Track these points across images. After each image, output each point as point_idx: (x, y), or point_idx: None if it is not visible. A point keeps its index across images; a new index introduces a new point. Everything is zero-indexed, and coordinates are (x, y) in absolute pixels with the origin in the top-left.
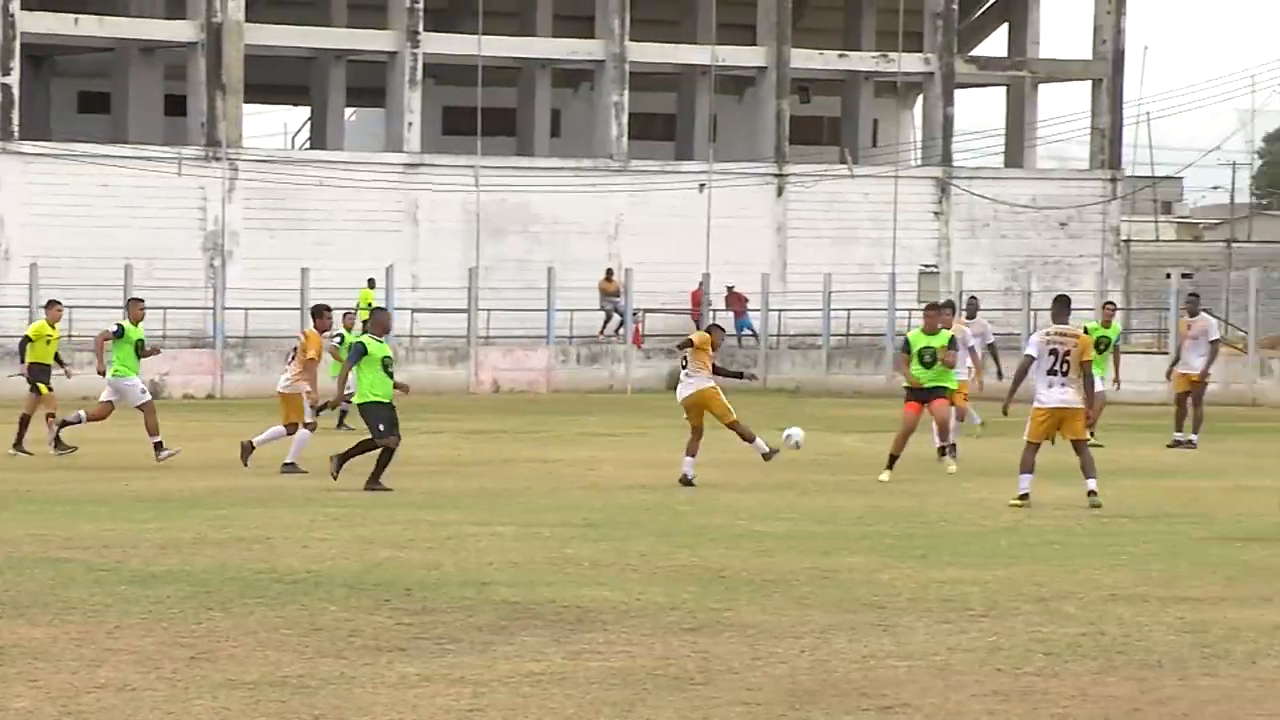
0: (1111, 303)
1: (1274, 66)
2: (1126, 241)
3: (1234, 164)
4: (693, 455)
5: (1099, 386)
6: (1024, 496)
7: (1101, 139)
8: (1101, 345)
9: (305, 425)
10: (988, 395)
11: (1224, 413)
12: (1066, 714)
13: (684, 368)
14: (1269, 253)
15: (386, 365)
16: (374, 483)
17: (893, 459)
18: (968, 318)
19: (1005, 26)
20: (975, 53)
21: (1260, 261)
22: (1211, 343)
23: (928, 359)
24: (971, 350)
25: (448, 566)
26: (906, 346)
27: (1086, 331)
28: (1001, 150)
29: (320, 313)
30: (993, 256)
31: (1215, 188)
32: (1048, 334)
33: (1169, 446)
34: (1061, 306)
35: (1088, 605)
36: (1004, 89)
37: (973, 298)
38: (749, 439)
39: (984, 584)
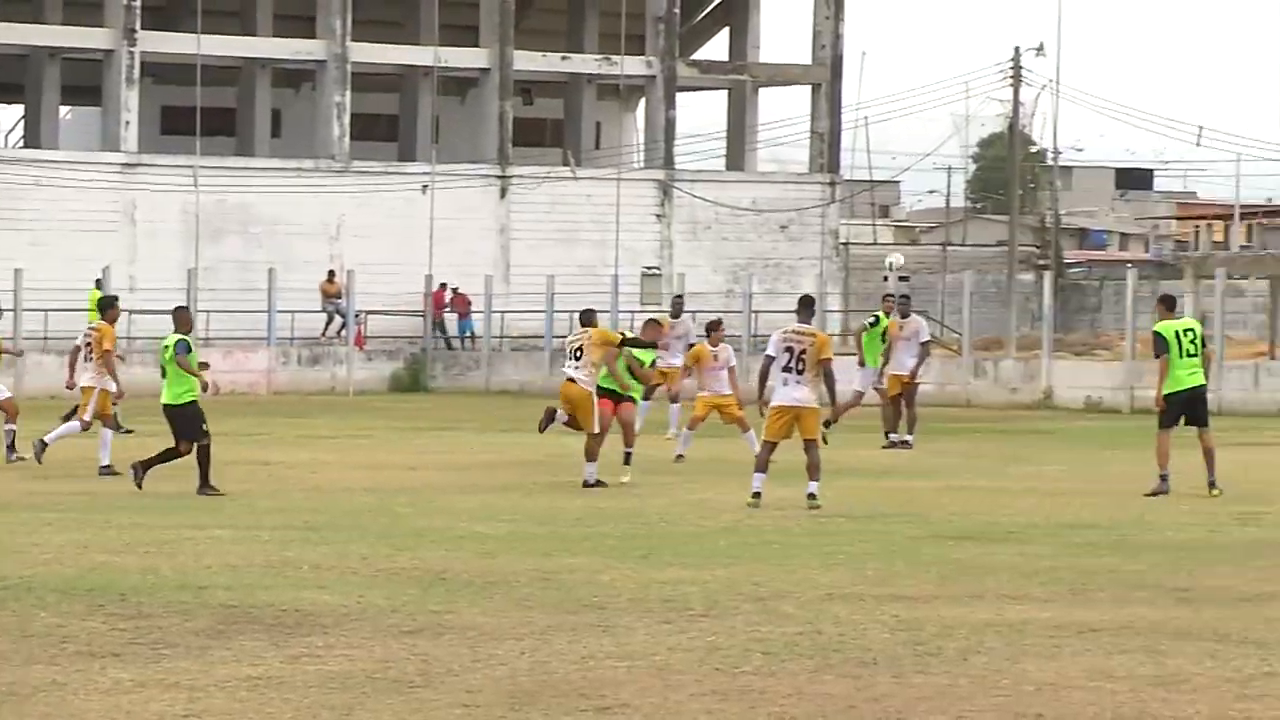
0: (891, 295)
1: (988, 73)
2: (845, 244)
3: (949, 168)
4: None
5: (870, 379)
6: (756, 495)
7: (821, 143)
8: (882, 337)
9: (82, 422)
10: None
11: (939, 413)
12: (783, 712)
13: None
14: (983, 256)
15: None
16: (206, 486)
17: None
18: (672, 317)
19: (726, 30)
20: (697, 56)
21: (974, 264)
22: (923, 344)
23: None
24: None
25: (164, 570)
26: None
27: (876, 323)
28: (723, 153)
29: (112, 304)
30: (714, 259)
31: (931, 192)
32: (785, 333)
33: (883, 448)
34: (804, 306)
35: (805, 604)
36: (725, 92)
37: (678, 298)
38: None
39: (703, 584)
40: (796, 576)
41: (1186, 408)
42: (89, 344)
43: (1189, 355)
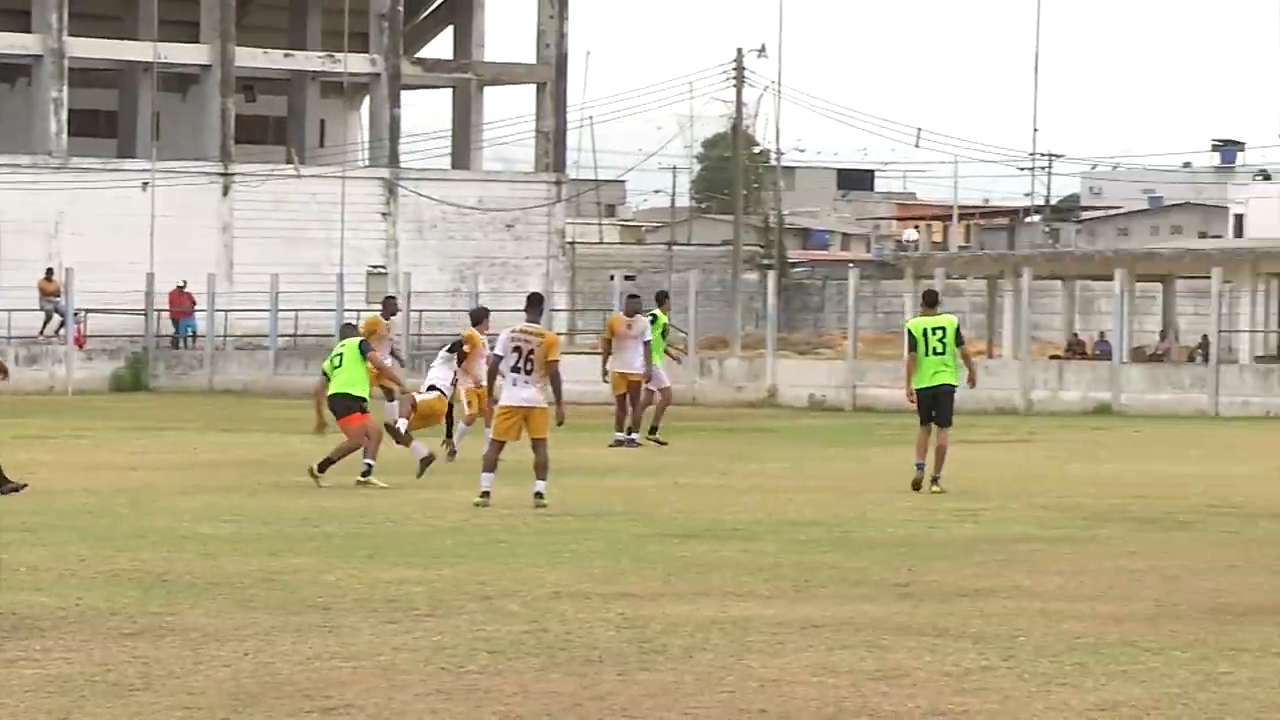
0: (666, 291)
1: (712, 73)
2: (572, 243)
3: (674, 168)
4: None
5: (664, 381)
6: (485, 495)
7: (546, 142)
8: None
9: None
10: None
11: (666, 413)
12: (509, 711)
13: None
14: (708, 255)
15: None
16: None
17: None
18: (385, 316)
19: (451, 29)
20: (421, 54)
21: (700, 264)
22: (646, 343)
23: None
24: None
25: None
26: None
27: (655, 320)
28: (449, 152)
29: None
30: (440, 257)
31: (657, 191)
32: (513, 332)
33: (611, 446)
34: (532, 305)
35: (531, 603)
36: (450, 91)
37: (389, 298)
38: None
39: (429, 583)
40: (523, 575)
41: (931, 404)
42: None
43: (935, 353)
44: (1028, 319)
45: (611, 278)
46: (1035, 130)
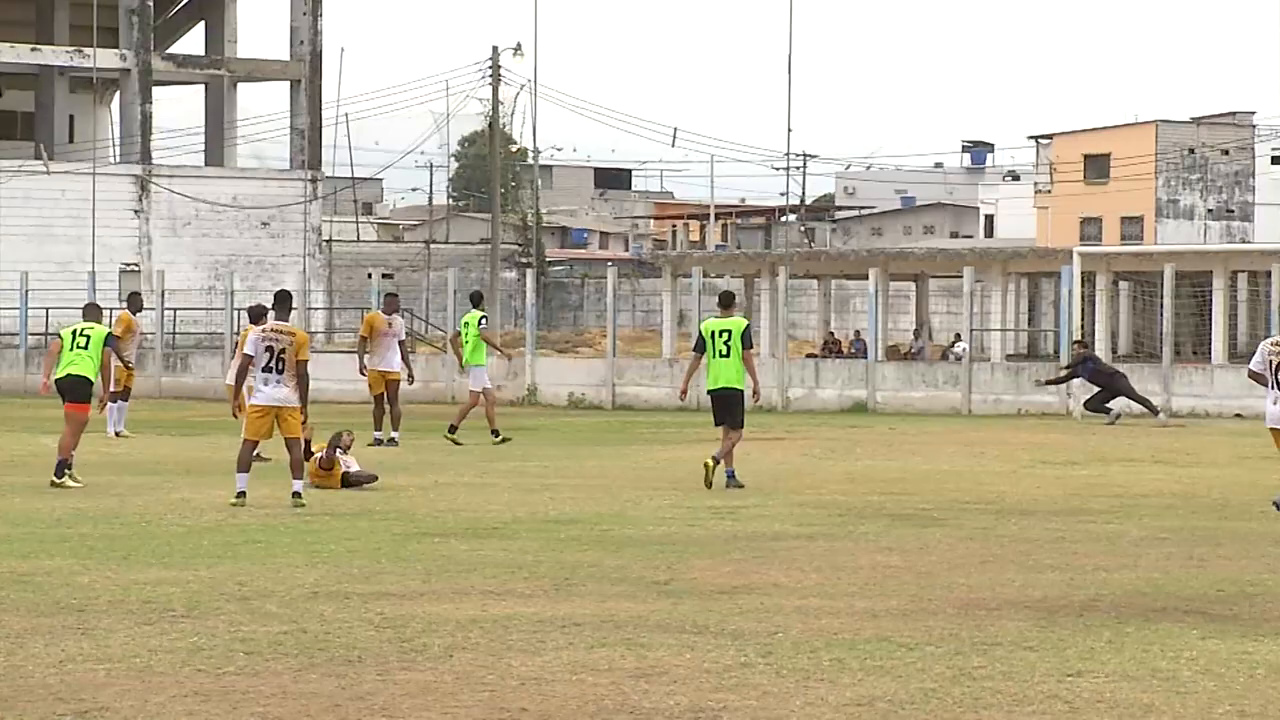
0: (480, 292)
1: (468, 72)
2: (329, 241)
3: (431, 166)
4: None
5: (485, 382)
6: (241, 495)
7: (301, 139)
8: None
9: None
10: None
11: (424, 410)
12: (267, 712)
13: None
14: (467, 253)
15: None
16: None
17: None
18: (133, 312)
19: (202, 24)
20: (173, 50)
21: (458, 262)
22: (400, 342)
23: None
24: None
25: None
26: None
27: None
28: (202, 149)
29: None
30: (195, 255)
31: (414, 189)
32: (264, 331)
33: (369, 445)
34: (281, 303)
35: (290, 603)
36: (203, 87)
37: (134, 294)
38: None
39: (186, 584)
40: (281, 575)
41: (721, 406)
42: None
43: (721, 356)
44: (784, 317)
45: (369, 276)
46: (790, 130)
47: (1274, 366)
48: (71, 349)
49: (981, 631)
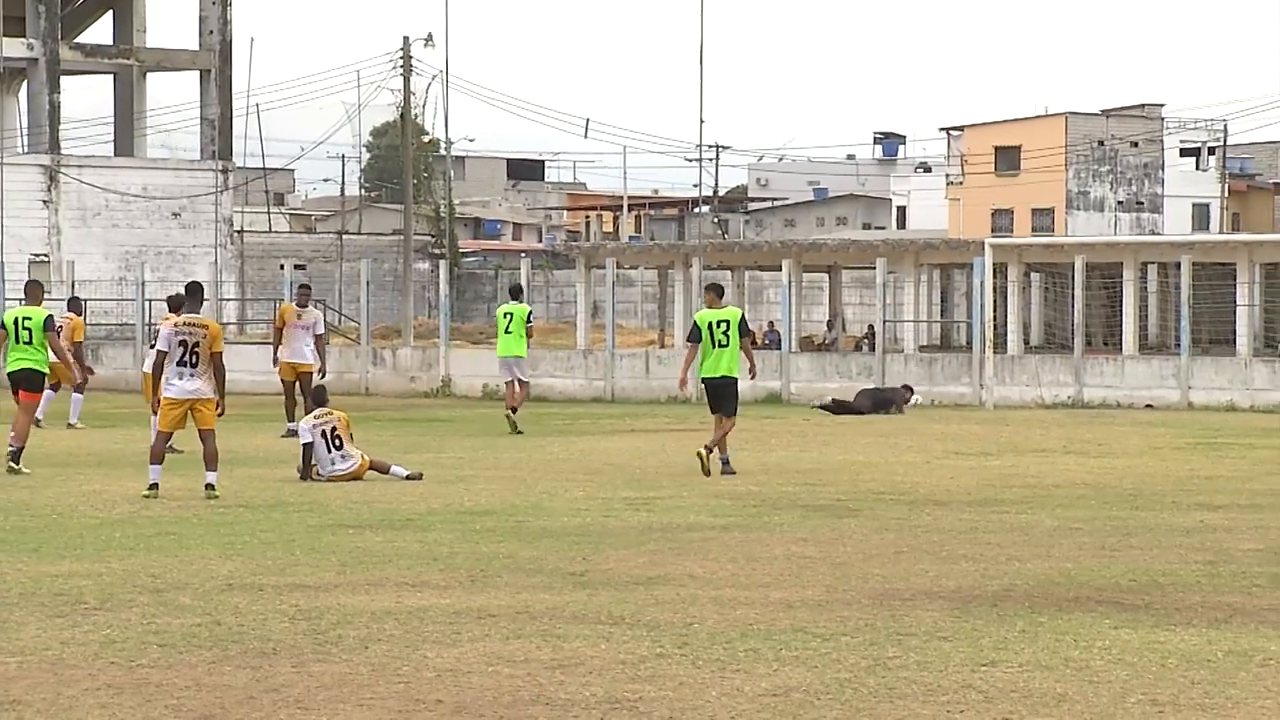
0: (521, 287)
1: (379, 62)
2: (240, 232)
3: (343, 157)
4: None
5: (520, 373)
6: (154, 487)
7: (212, 130)
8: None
9: None
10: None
11: (339, 402)
12: (181, 705)
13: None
14: (379, 245)
15: None
16: None
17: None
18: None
19: (111, 14)
20: (81, 39)
21: (371, 253)
22: (317, 337)
23: None
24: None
25: None
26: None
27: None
28: (112, 139)
29: None
30: (105, 246)
31: (326, 180)
32: (177, 324)
33: (283, 436)
34: (192, 295)
35: (203, 595)
36: (112, 77)
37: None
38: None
39: (99, 577)
40: (195, 568)
41: (716, 395)
42: None
43: (720, 345)
44: (698, 309)
45: (281, 267)
46: (702, 122)
47: None
48: (18, 342)
49: (896, 622)
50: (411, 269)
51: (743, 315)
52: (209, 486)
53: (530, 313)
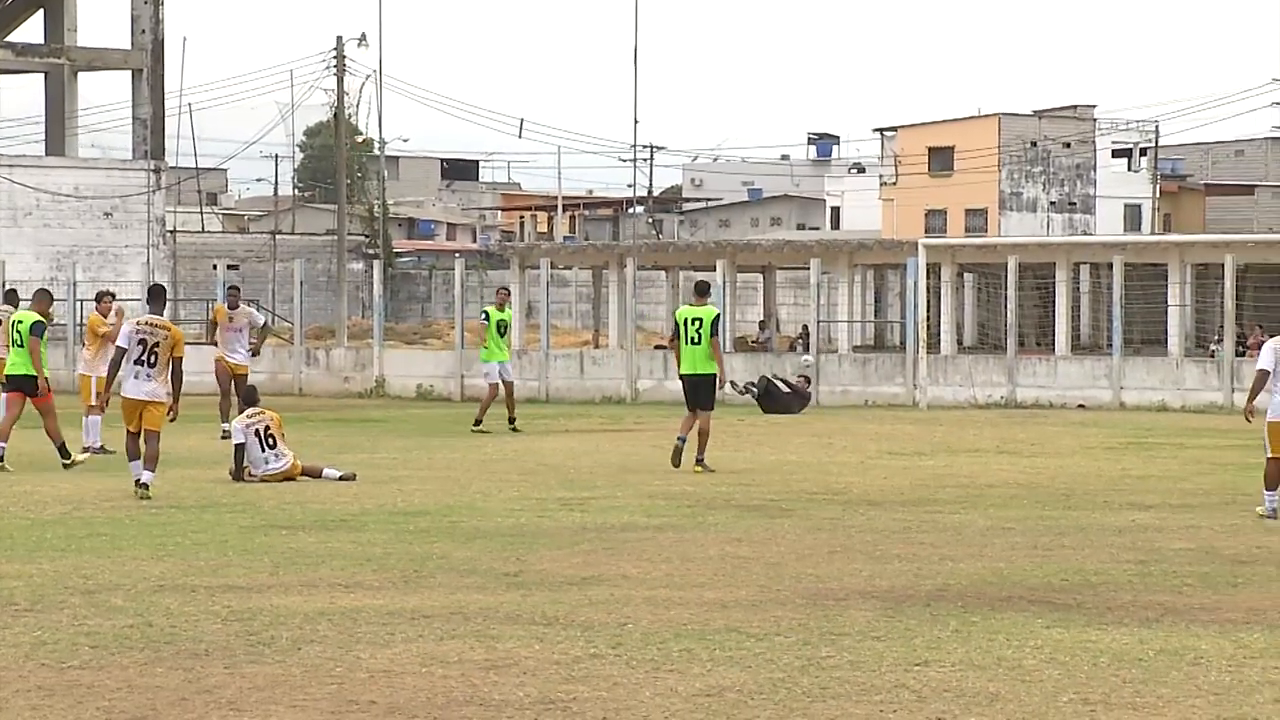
0: (505, 288)
1: (312, 62)
2: (173, 232)
3: (276, 157)
4: None
5: (512, 375)
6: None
7: (144, 129)
8: (501, 329)
9: None
10: None
11: (272, 402)
12: (112, 706)
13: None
14: (313, 245)
15: None
16: None
17: None
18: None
19: (42, 13)
20: (11, 38)
21: (304, 253)
22: (262, 326)
23: None
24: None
25: None
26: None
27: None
28: (43, 138)
29: None
30: (36, 246)
31: (259, 180)
32: (138, 324)
33: (222, 438)
34: (155, 297)
35: (135, 596)
36: (43, 76)
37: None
38: None
39: (29, 578)
40: (127, 569)
41: (691, 390)
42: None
43: (692, 343)
44: (633, 309)
45: (214, 267)
46: (636, 122)
47: None
48: (11, 346)
49: (830, 621)
50: (345, 269)
51: (716, 315)
52: (143, 485)
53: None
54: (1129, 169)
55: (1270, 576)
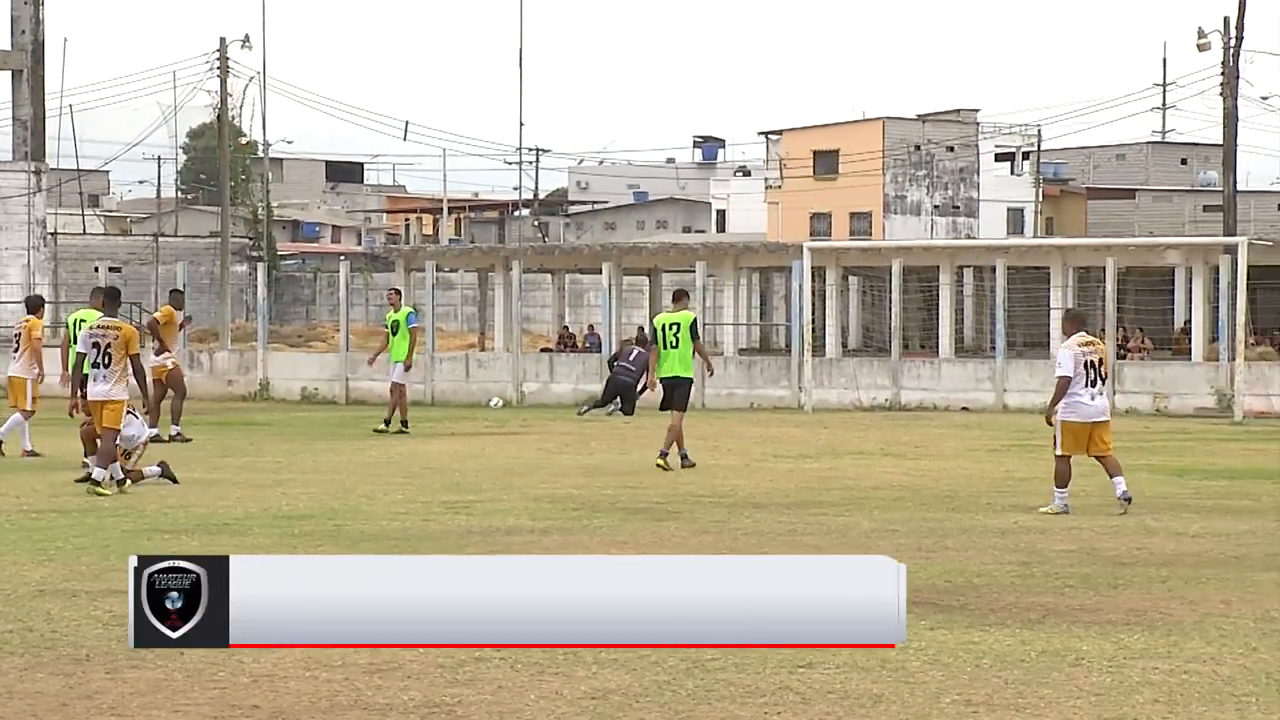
0: (396, 289)
1: (196, 63)
2: (54, 234)
3: (159, 158)
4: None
5: (397, 377)
6: (122, 481)
7: (24, 130)
8: (394, 329)
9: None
10: None
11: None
12: None
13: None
14: (196, 247)
15: None
16: None
17: None
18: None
19: None
20: None
21: (187, 256)
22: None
23: None
24: None
25: None
26: None
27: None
28: None
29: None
30: None
31: (141, 182)
32: (93, 327)
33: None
34: (110, 300)
35: (16, 601)
36: None
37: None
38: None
39: None
40: (7, 573)
41: (668, 392)
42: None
43: (671, 347)
44: (519, 312)
45: (96, 269)
46: (522, 125)
47: (1091, 365)
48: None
49: None
50: (229, 272)
51: (695, 319)
52: (93, 480)
53: (410, 313)
54: (1012, 173)
55: (1150, 578)
